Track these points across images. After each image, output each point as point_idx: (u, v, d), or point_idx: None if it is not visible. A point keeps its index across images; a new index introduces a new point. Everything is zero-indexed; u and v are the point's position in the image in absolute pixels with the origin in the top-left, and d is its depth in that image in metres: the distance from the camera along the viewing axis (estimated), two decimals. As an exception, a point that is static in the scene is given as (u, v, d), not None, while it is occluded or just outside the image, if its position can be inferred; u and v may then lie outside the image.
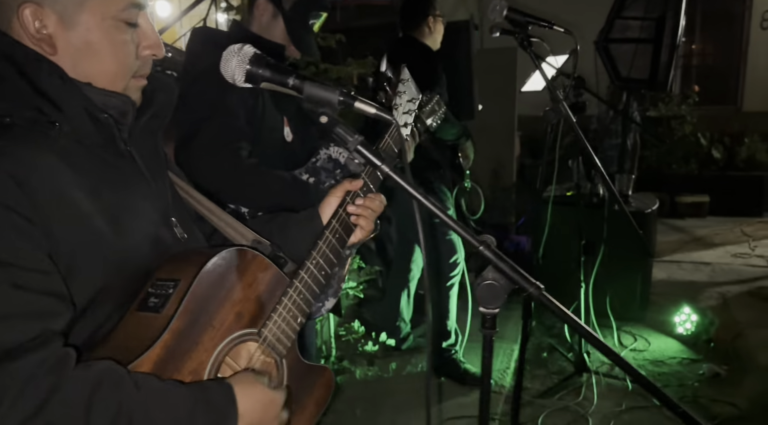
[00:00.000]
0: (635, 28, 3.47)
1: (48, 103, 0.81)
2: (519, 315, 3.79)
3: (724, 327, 3.41)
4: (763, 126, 6.57)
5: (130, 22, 0.88)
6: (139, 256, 0.88)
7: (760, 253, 4.85)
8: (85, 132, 0.84)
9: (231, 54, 0.86)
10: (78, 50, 0.85)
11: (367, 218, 1.08)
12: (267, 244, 1.05)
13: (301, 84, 0.83)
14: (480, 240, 0.79)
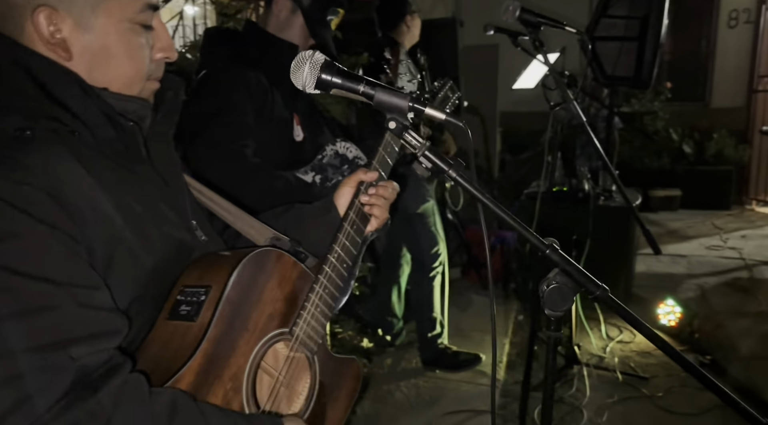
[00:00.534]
0: (620, 27, 3.54)
1: (67, 113, 0.79)
2: (507, 308, 3.88)
3: (705, 318, 3.53)
4: (730, 122, 6.79)
5: (146, 24, 0.87)
6: (167, 264, 0.87)
7: (732, 245, 5.02)
8: (107, 139, 0.82)
9: (302, 61, 0.86)
10: (94, 55, 0.83)
11: (381, 207, 1.07)
12: (286, 240, 1.05)
13: (371, 90, 0.83)
14: (546, 244, 0.80)
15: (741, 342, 3.25)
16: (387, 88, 0.82)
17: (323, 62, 0.85)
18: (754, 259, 4.61)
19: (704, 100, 7.15)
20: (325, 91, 0.86)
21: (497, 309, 3.87)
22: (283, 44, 1.73)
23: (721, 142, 6.64)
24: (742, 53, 6.86)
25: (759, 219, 6.06)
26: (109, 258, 0.77)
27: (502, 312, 3.85)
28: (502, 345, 3.38)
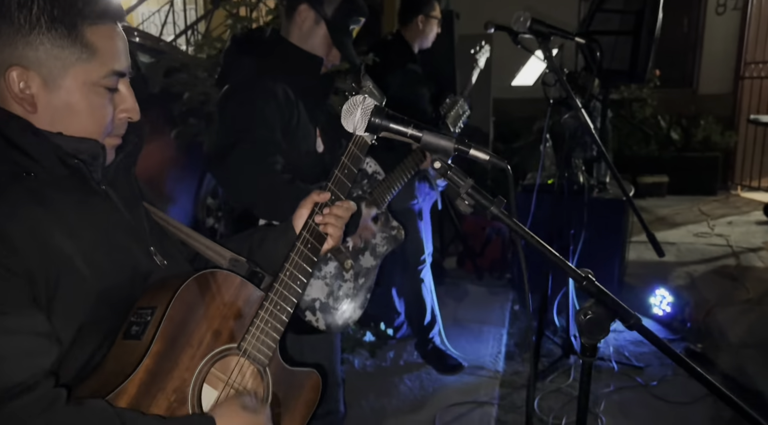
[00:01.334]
0: (615, 21, 3.59)
1: (23, 155, 0.89)
2: (504, 298, 3.95)
3: (695, 306, 3.63)
4: (717, 108, 6.89)
5: (110, 87, 0.96)
6: (120, 288, 0.95)
7: (719, 232, 5.14)
8: (60, 177, 0.92)
9: (355, 106, 0.90)
10: (57, 110, 0.93)
11: (335, 225, 1.15)
12: (243, 261, 1.13)
13: (419, 133, 0.86)
14: (583, 276, 0.85)
15: (730, 330, 3.37)
16: (433, 130, 0.86)
17: (374, 108, 0.89)
18: (741, 246, 4.73)
19: (692, 86, 7.23)
20: (375, 134, 0.89)
21: (494, 300, 3.95)
22: (308, 57, 1.75)
23: (708, 128, 6.74)
24: (730, 40, 6.94)
25: (744, 205, 6.19)
26: (56, 282, 0.86)
27: (498, 302, 3.92)
28: (500, 336, 3.46)
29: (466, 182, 0.86)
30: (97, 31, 0.93)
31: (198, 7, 8.40)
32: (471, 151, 0.85)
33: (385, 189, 1.89)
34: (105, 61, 0.94)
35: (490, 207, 0.85)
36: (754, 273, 4.19)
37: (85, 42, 0.91)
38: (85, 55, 0.92)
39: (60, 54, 0.90)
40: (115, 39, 0.95)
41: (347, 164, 1.15)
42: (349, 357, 3.10)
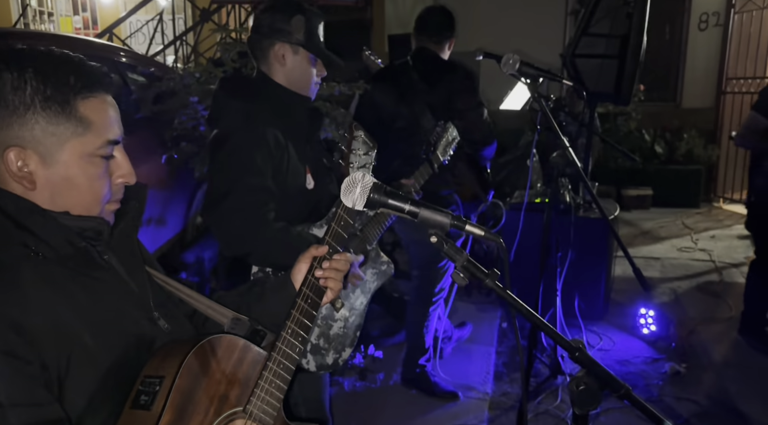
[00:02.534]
0: (601, 45, 3.65)
1: (31, 236, 0.92)
2: (492, 316, 3.99)
3: (680, 324, 3.70)
4: (700, 122, 7.01)
5: (106, 156, 0.98)
6: (126, 358, 0.98)
7: (703, 247, 5.24)
8: (67, 256, 0.95)
9: (354, 183, 0.93)
10: (56, 185, 0.95)
11: (334, 279, 1.16)
12: (245, 320, 1.14)
13: (416, 209, 0.90)
14: (575, 347, 0.89)
15: (714, 349, 3.44)
16: (429, 206, 0.89)
17: (372, 185, 0.92)
18: (724, 262, 4.82)
19: (675, 100, 7.35)
20: (373, 209, 0.92)
21: (482, 317, 3.99)
22: (296, 98, 1.78)
23: (691, 141, 6.86)
24: (712, 55, 7.07)
25: (726, 218, 6.31)
26: (67, 362, 0.89)
27: (486, 319, 3.96)
28: (489, 354, 3.50)
29: (461, 256, 0.89)
30: (90, 104, 0.95)
31: (187, 17, 8.41)
32: (466, 227, 0.88)
33: (375, 225, 1.90)
34: (99, 132, 0.96)
35: (485, 280, 0.88)
36: (736, 289, 4.27)
37: (79, 116, 0.94)
38: (80, 129, 0.94)
39: (55, 130, 0.93)
40: (107, 110, 0.98)
41: (343, 216, 1.16)
42: (339, 378, 3.12)
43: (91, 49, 3.40)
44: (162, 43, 6.76)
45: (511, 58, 1.90)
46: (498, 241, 0.89)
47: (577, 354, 0.88)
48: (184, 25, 7.94)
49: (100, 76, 0.97)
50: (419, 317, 3.04)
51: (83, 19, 9.86)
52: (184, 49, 6.70)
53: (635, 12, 3.46)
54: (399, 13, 6.13)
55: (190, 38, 7.01)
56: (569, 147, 1.96)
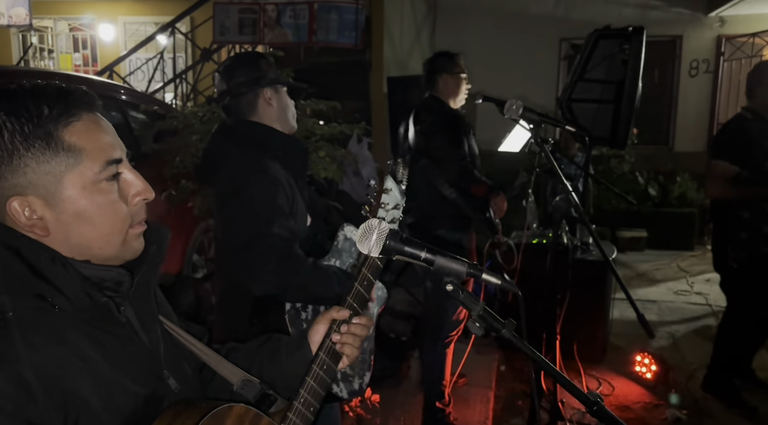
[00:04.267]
0: (597, 90, 3.72)
1: (49, 287, 0.85)
2: (490, 358, 3.93)
3: (678, 369, 3.67)
4: (692, 165, 7.10)
5: (111, 178, 0.91)
6: (134, 417, 0.91)
7: (698, 290, 5.23)
8: (84, 308, 0.88)
9: (371, 230, 0.92)
10: (69, 224, 0.88)
11: (352, 345, 1.09)
12: (256, 383, 1.08)
13: (432, 257, 0.89)
14: (592, 401, 0.87)
15: (712, 395, 3.39)
16: (446, 254, 0.89)
17: (389, 232, 0.91)
18: (720, 306, 4.80)
19: (668, 144, 7.47)
20: (389, 256, 0.91)
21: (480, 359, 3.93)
22: (292, 140, 1.85)
23: (684, 184, 6.93)
24: (703, 101, 7.23)
25: (721, 261, 6.32)
26: (74, 424, 0.83)
27: (484, 362, 3.90)
28: (487, 399, 3.44)
29: (478, 305, 0.88)
30: (74, 129, 0.87)
31: (187, 56, 8.54)
32: (483, 275, 0.88)
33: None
34: (95, 156, 0.88)
35: (502, 330, 0.87)
36: (734, 334, 4.25)
37: (66, 146, 0.86)
38: (71, 159, 0.87)
39: (48, 168, 0.86)
40: (96, 130, 0.90)
41: (367, 276, 1.11)
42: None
43: (91, 86, 3.41)
44: (162, 80, 6.84)
45: (514, 103, 1.93)
46: (515, 290, 0.88)
47: (595, 409, 0.86)
48: (184, 63, 8.05)
49: (77, 97, 0.89)
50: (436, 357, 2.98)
51: (83, 57, 9.99)
52: (184, 87, 6.77)
53: (630, 58, 3.53)
54: (397, 56, 6.24)
55: (189, 76, 7.10)
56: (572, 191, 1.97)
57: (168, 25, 6.40)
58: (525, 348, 0.87)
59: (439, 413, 3.00)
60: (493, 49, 7.05)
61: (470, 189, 2.89)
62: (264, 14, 5.52)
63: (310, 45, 5.43)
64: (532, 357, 0.87)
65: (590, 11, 7.04)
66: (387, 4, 5.87)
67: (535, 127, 2.00)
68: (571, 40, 7.22)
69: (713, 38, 7.09)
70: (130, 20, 9.63)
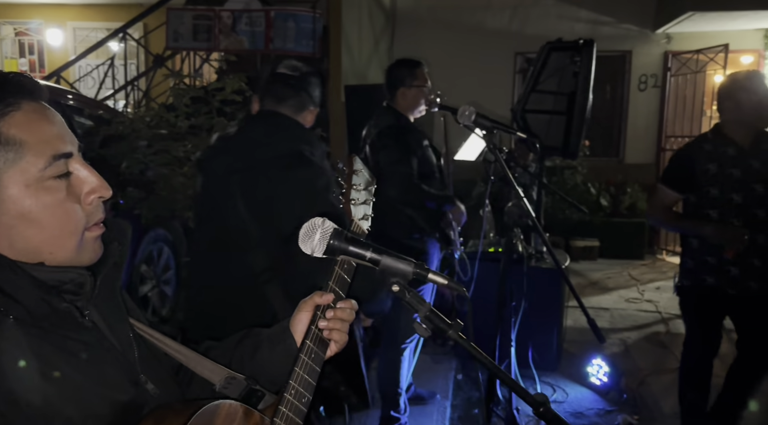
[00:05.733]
0: (549, 101, 3.79)
1: (1, 295, 0.77)
2: (447, 366, 3.93)
3: (630, 375, 3.73)
4: (642, 177, 7.33)
5: (60, 175, 0.81)
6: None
7: (649, 298, 5.37)
8: (43, 315, 0.79)
9: (314, 228, 0.88)
10: (12, 228, 0.78)
11: (340, 330, 1.02)
12: (241, 379, 1.01)
13: (378, 257, 0.86)
14: (539, 401, 0.86)
15: (664, 400, 3.46)
16: (392, 254, 0.86)
17: (332, 230, 0.88)
18: (669, 313, 4.94)
19: (618, 156, 7.68)
20: (333, 256, 0.88)
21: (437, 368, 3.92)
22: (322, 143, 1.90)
23: (634, 195, 7.13)
24: (651, 114, 7.47)
25: (669, 270, 6.50)
26: None
27: (441, 371, 3.89)
28: (444, 408, 3.42)
29: (424, 306, 0.86)
30: (13, 120, 0.77)
31: (139, 63, 8.34)
32: (429, 275, 0.86)
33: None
34: (39, 150, 0.78)
35: (448, 330, 0.85)
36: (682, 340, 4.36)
37: (3, 139, 0.77)
38: (11, 153, 0.77)
39: None
40: (39, 121, 0.80)
41: (347, 259, 1.03)
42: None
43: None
44: (113, 87, 6.66)
45: (467, 109, 1.94)
46: (462, 291, 0.86)
47: (542, 410, 0.85)
48: (137, 70, 7.87)
49: (16, 84, 0.79)
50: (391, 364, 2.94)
51: (30, 62, 9.66)
52: (136, 94, 6.61)
53: (581, 70, 3.62)
54: (355, 65, 6.25)
55: (142, 83, 6.93)
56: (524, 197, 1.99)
57: (119, 30, 6.24)
58: (471, 349, 0.85)
59: (395, 421, 2.97)
60: (450, 61, 7.13)
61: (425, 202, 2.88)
62: (219, 21, 5.45)
63: (266, 52, 5.38)
64: (478, 358, 0.85)
65: (544, 26, 7.20)
66: (345, 14, 5.88)
67: (488, 133, 2.01)
68: (525, 54, 7.38)
69: (660, 54, 7.36)
70: (79, 26, 9.37)
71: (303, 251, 0.89)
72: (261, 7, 5.45)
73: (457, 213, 2.93)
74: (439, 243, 2.94)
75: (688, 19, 6.45)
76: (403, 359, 2.98)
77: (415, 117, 2.95)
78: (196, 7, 5.70)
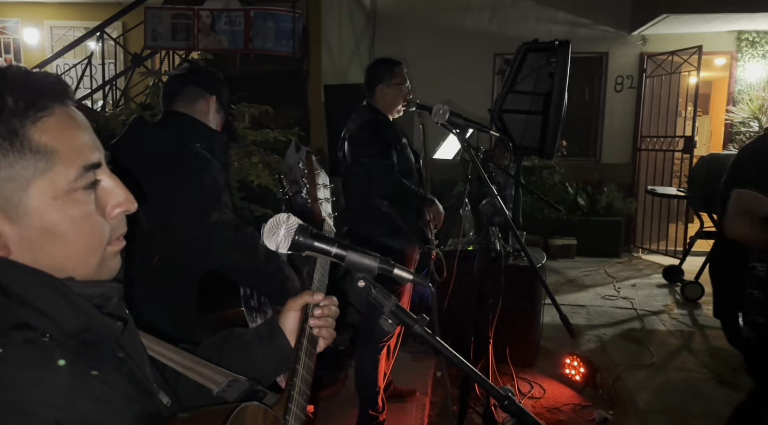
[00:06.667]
0: (526, 102, 3.84)
1: (37, 315, 0.72)
2: (426, 365, 3.96)
3: (605, 371, 3.80)
4: (618, 177, 7.43)
5: (88, 186, 0.76)
6: None
7: (625, 295, 5.45)
8: (75, 333, 0.76)
9: (278, 224, 0.89)
10: (35, 242, 0.73)
11: (328, 327, 1.04)
12: (244, 380, 1.00)
13: (343, 252, 0.88)
14: (504, 396, 0.88)
15: (638, 395, 3.53)
16: (357, 250, 0.88)
17: (297, 226, 0.89)
18: (644, 309, 5.03)
19: (595, 156, 7.78)
20: (298, 253, 0.90)
21: (416, 366, 3.95)
22: (220, 136, 1.97)
23: (610, 195, 7.23)
24: (627, 114, 7.58)
25: (645, 268, 6.62)
26: None
27: (420, 368, 3.92)
28: (423, 405, 3.45)
29: (390, 301, 0.88)
30: (45, 126, 0.72)
31: (118, 62, 8.25)
32: (395, 271, 0.88)
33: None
34: (70, 159, 0.73)
35: (413, 326, 0.87)
36: (657, 336, 4.45)
37: (35, 147, 0.71)
38: (41, 162, 0.71)
39: (11, 174, 0.70)
40: (71, 127, 0.74)
41: (324, 259, 1.03)
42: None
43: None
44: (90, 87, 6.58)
45: (441, 108, 1.96)
46: (427, 285, 0.89)
47: (506, 403, 0.88)
48: (115, 69, 7.78)
49: (49, 85, 0.74)
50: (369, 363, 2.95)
51: (6, 61, 9.51)
52: (114, 93, 6.54)
53: (557, 71, 3.67)
54: (335, 65, 6.26)
55: (120, 83, 6.87)
56: (497, 195, 2.02)
57: (97, 29, 6.17)
58: (435, 343, 0.87)
59: (373, 420, 2.98)
60: (429, 62, 7.17)
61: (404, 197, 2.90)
62: (198, 20, 5.42)
63: (246, 52, 5.37)
64: (443, 352, 0.87)
65: (522, 27, 7.28)
66: (325, 14, 5.88)
67: (462, 131, 2.03)
68: (504, 55, 7.44)
69: (636, 55, 7.47)
70: (57, 24, 9.25)
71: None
72: (240, 7, 5.43)
73: (436, 212, 2.96)
74: (416, 243, 2.96)
75: (663, 21, 6.56)
76: (380, 357, 2.99)
77: (394, 116, 2.97)
78: (175, 6, 5.66)
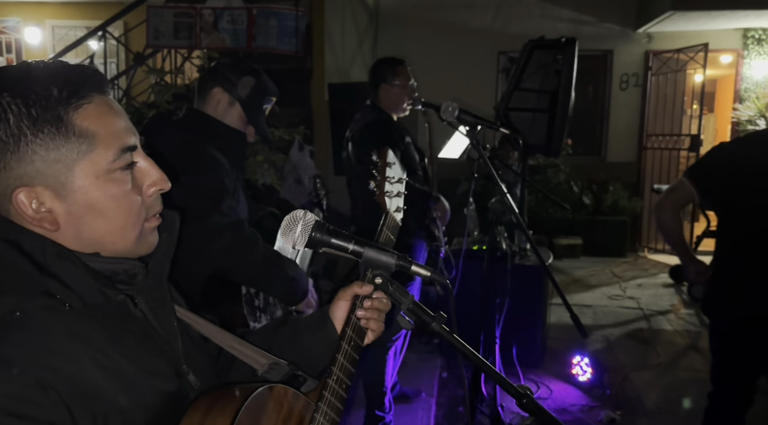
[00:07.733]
0: (532, 99, 3.80)
1: (59, 285, 0.79)
2: (432, 365, 3.93)
3: (613, 371, 3.76)
4: (624, 175, 7.39)
5: (126, 167, 0.84)
6: (161, 417, 0.86)
7: (631, 295, 5.41)
8: (97, 305, 0.82)
9: (295, 221, 0.87)
10: (81, 217, 0.82)
11: (377, 320, 1.05)
12: (284, 364, 1.03)
13: (360, 248, 0.85)
14: (522, 393, 0.85)
15: (646, 395, 3.49)
16: (374, 246, 0.85)
17: (314, 223, 0.87)
18: (651, 309, 4.99)
19: (600, 154, 7.74)
20: (315, 249, 0.87)
21: (422, 366, 3.92)
22: (230, 131, 1.84)
23: (616, 194, 7.19)
24: (633, 113, 7.53)
25: (651, 267, 6.58)
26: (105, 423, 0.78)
27: (426, 369, 3.89)
28: (429, 406, 3.42)
29: (407, 298, 0.85)
30: (86, 112, 0.80)
31: (120, 61, 8.23)
32: (412, 267, 0.85)
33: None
34: (109, 142, 0.82)
35: (431, 323, 0.84)
36: (663, 336, 4.41)
37: (78, 131, 0.80)
38: (84, 145, 0.80)
39: (58, 156, 0.79)
40: (109, 114, 0.83)
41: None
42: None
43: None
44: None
45: (450, 105, 1.93)
46: (445, 282, 0.86)
47: (525, 401, 0.85)
48: (117, 68, 7.77)
49: (87, 76, 0.82)
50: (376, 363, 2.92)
51: (7, 61, 9.50)
52: (116, 92, 6.52)
53: (563, 68, 3.63)
54: (339, 64, 6.22)
55: (122, 82, 6.84)
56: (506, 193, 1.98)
57: (99, 29, 6.15)
58: (454, 341, 0.84)
59: (380, 421, 2.95)
60: (433, 60, 7.14)
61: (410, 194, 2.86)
62: (200, 19, 5.39)
63: (249, 51, 5.33)
64: (461, 349, 0.84)
65: (526, 25, 7.24)
66: (327, 12, 5.85)
67: (471, 129, 2.00)
68: (508, 53, 7.40)
69: (642, 53, 7.42)
70: (58, 24, 9.23)
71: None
72: (243, 5, 5.40)
73: (442, 210, 2.93)
74: (424, 241, 2.93)
75: (669, 18, 6.52)
76: (388, 357, 2.96)
77: (399, 115, 2.94)
78: (177, 4, 5.63)
